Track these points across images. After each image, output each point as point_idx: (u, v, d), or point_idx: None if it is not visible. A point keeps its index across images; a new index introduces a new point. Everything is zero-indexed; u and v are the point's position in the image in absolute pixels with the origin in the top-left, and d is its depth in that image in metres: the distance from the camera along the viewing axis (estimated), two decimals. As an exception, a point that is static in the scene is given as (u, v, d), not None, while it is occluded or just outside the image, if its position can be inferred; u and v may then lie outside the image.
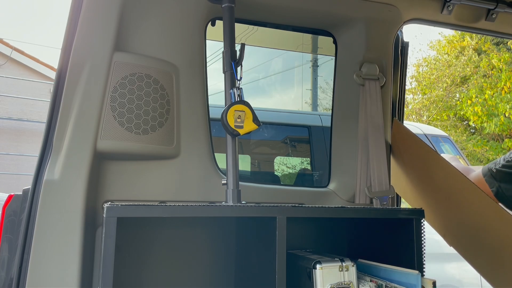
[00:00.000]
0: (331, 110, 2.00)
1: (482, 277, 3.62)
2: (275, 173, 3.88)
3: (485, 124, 10.87)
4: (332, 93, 2.00)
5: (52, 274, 1.31)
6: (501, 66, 11.35)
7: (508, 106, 10.23)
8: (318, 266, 1.27)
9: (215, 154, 1.68)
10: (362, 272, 1.36)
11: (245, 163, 3.43)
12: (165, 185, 1.57)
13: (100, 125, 1.44)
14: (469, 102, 11.21)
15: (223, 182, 1.41)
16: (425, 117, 14.16)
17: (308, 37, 2.70)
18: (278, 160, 3.95)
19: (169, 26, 1.60)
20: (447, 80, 13.70)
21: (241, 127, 1.35)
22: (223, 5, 1.49)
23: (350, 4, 1.81)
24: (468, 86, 13.17)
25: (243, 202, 1.40)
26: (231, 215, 1.31)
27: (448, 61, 14.05)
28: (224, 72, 1.45)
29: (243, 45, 1.44)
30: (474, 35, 12.46)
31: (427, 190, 1.85)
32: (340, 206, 1.55)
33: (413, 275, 1.21)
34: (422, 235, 1.36)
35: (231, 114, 1.33)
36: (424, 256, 1.36)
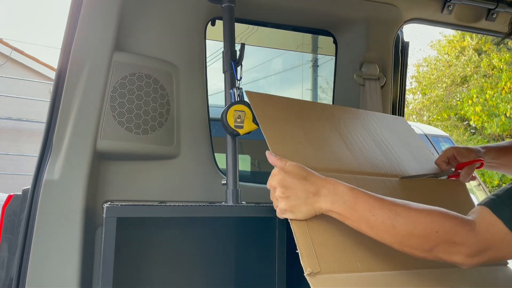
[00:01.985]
0: (331, 110, 1.99)
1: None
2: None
3: (486, 124, 10.86)
4: (332, 93, 2.00)
5: (52, 274, 1.31)
6: (501, 66, 11.35)
7: (508, 106, 10.23)
8: (318, 266, 1.26)
9: (215, 154, 1.68)
10: (362, 272, 1.36)
11: (245, 163, 3.43)
12: (165, 185, 1.57)
13: (100, 125, 1.43)
14: (469, 102, 11.21)
15: (223, 182, 1.40)
16: (425, 117, 14.16)
17: (308, 37, 2.70)
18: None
19: (169, 26, 1.59)
20: (447, 80, 13.70)
21: (241, 127, 1.35)
22: (223, 5, 1.49)
23: (350, 4, 1.81)
24: (468, 86, 13.18)
25: (243, 202, 1.39)
26: (231, 215, 1.31)
27: (448, 61, 14.05)
28: (224, 72, 1.45)
29: (243, 45, 1.44)
30: (474, 35, 12.46)
31: None
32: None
33: (413, 275, 1.20)
34: (422, 235, 1.35)
35: (231, 114, 1.33)
36: (424, 256, 1.35)
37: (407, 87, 2.14)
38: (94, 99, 1.42)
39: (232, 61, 1.44)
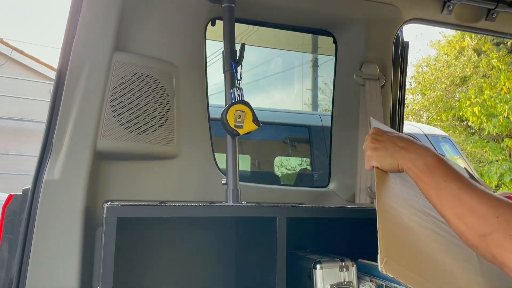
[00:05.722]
0: (331, 110, 2.00)
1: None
2: (275, 173, 3.88)
3: (484, 125, 10.85)
4: (332, 93, 2.00)
5: (52, 274, 1.31)
6: (500, 66, 11.34)
7: (507, 106, 10.22)
8: (318, 266, 1.27)
9: (215, 154, 1.68)
10: (362, 272, 1.36)
11: (245, 163, 3.43)
12: (165, 185, 1.57)
13: (100, 125, 1.43)
14: (468, 102, 11.21)
15: (223, 182, 1.40)
16: (424, 118, 14.17)
17: (308, 37, 2.70)
18: (278, 160, 3.95)
19: (169, 26, 1.59)
20: (446, 80, 13.71)
21: (241, 127, 1.35)
22: (223, 5, 1.49)
23: (350, 4, 1.81)
24: (467, 86, 13.18)
25: (243, 202, 1.39)
26: (231, 215, 1.31)
27: (447, 62, 14.05)
28: (224, 72, 1.45)
29: (243, 45, 1.44)
30: (474, 35, 12.46)
31: None
32: (340, 206, 1.55)
33: (413, 275, 1.20)
34: (422, 235, 1.35)
35: (231, 114, 1.33)
36: (424, 256, 1.35)
37: (406, 87, 2.14)
38: (94, 99, 1.42)
39: (232, 61, 1.44)
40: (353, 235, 1.68)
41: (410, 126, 4.63)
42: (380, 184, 1.01)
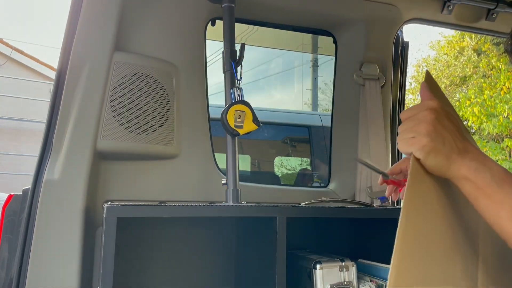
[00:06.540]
0: (331, 110, 2.00)
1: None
2: (275, 173, 3.88)
3: (484, 125, 10.85)
4: (332, 93, 2.00)
5: (52, 274, 1.31)
6: (500, 66, 11.33)
7: (507, 106, 10.22)
8: (318, 266, 1.27)
9: (215, 154, 1.68)
10: (362, 272, 1.36)
11: (245, 163, 3.43)
12: (165, 185, 1.57)
13: (100, 125, 1.43)
14: (467, 102, 11.21)
15: (223, 182, 1.40)
16: (425, 117, 14.14)
17: (308, 37, 2.70)
18: (278, 160, 3.95)
19: (169, 26, 1.59)
20: (445, 80, 13.71)
21: (241, 127, 1.35)
22: (223, 5, 1.49)
23: (350, 4, 1.81)
24: (467, 86, 13.19)
25: (243, 202, 1.39)
26: (231, 215, 1.31)
27: (447, 62, 14.05)
28: (224, 72, 1.46)
29: (243, 45, 1.44)
30: (474, 35, 12.46)
31: None
32: (340, 206, 1.54)
33: (413, 275, 1.20)
34: (422, 235, 1.35)
35: (231, 114, 1.33)
36: (424, 256, 1.35)
37: (406, 87, 2.14)
38: (94, 99, 1.42)
39: (232, 61, 1.44)
40: (353, 235, 1.68)
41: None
42: (413, 186, 0.76)
